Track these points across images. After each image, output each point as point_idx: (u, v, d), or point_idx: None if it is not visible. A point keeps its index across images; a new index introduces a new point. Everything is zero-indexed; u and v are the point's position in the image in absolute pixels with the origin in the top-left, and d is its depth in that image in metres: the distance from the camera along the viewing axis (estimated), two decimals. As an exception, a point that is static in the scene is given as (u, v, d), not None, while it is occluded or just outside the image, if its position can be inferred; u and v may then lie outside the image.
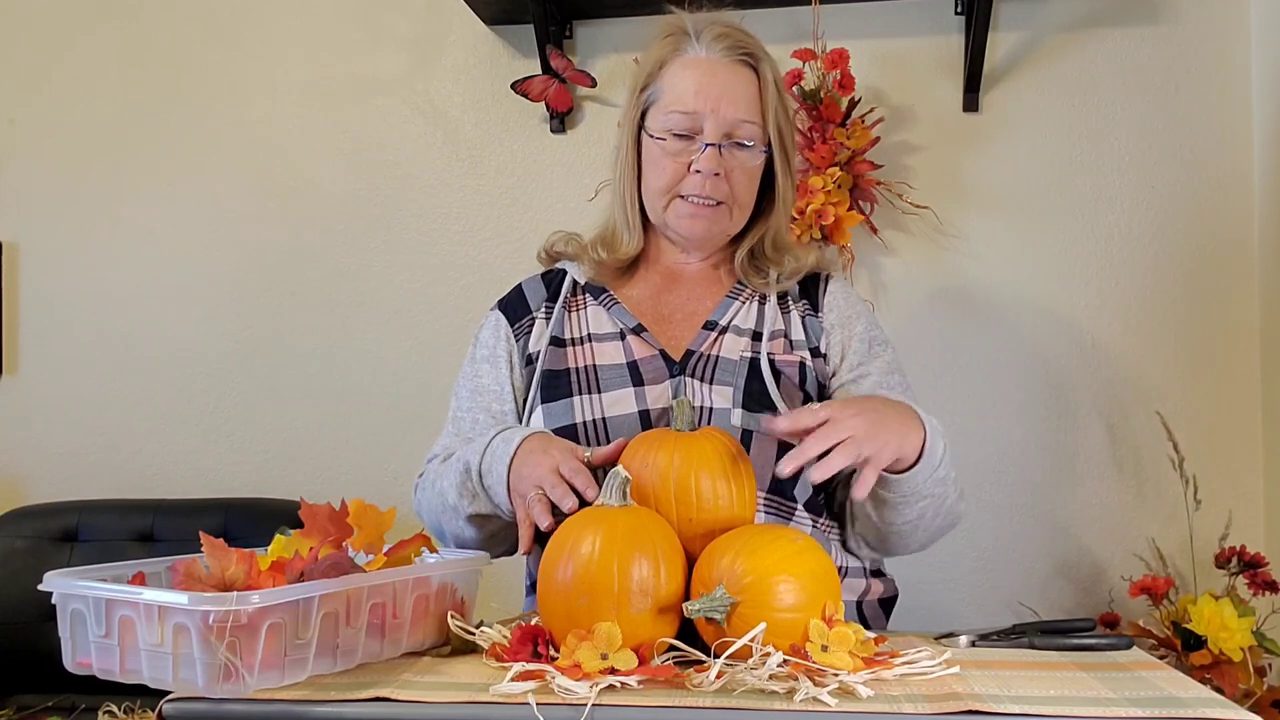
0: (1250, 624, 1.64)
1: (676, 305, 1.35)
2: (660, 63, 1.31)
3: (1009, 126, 2.00)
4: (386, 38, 2.18)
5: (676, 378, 1.26)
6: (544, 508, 1.10)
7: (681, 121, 1.27)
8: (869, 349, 1.33)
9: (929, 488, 1.17)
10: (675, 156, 1.28)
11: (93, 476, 2.20)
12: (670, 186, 1.29)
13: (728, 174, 1.28)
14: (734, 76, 1.28)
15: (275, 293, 2.18)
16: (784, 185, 1.34)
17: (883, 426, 1.08)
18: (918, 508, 1.18)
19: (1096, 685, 0.87)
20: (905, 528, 1.21)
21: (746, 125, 1.28)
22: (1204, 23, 1.95)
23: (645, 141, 1.32)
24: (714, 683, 0.84)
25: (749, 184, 1.31)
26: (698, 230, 1.31)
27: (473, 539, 1.25)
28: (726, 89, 1.27)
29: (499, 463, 1.18)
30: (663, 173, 1.29)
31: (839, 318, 1.34)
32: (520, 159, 2.13)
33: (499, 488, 1.17)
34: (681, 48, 1.30)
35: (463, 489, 1.22)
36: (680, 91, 1.28)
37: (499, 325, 1.38)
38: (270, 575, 0.90)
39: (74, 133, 2.25)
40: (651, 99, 1.31)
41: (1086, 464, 1.96)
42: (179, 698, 0.84)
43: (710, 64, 1.28)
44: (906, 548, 1.28)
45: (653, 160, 1.31)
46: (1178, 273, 1.95)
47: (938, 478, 1.17)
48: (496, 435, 1.22)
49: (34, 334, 2.25)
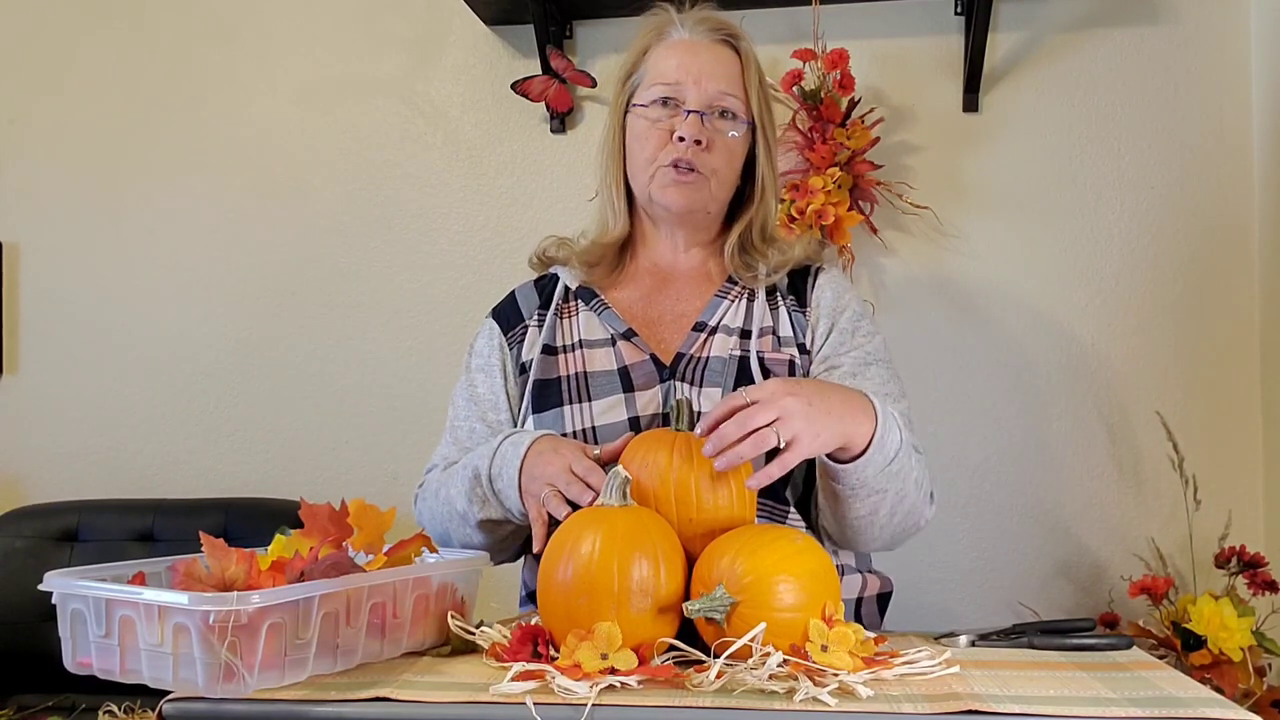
0: (1250, 624, 1.64)
1: (666, 307, 1.35)
2: (644, 49, 1.35)
3: (1009, 126, 2.00)
4: (386, 38, 2.18)
5: (667, 383, 1.26)
6: (560, 501, 1.11)
7: (664, 91, 1.30)
8: (850, 338, 1.31)
9: (880, 482, 1.12)
10: (657, 124, 1.30)
11: (93, 476, 2.20)
12: (654, 156, 1.31)
13: (709, 144, 1.29)
14: (715, 54, 1.32)
15: (275, 293, 2.18)
16: (766, 169, 1.35)
17: (821, 409, 1.04)
18: (869, 502, 1.14)
19: (1096, 685, 0.87)
20: (858, 523, 1.17)
21: (729, 98, 1.31)
22: (1204, 23, 1.95)
23: (630, 120, 1.34)
24: (714, 683, 0.84)
25: (730, 158, 1.32)
26: (679, 200, 1.31)
27: (481, 545, 1.25)
28: (708, 64, 1.30)
29: (509, 465, 1.18)
30: (647, 143, 1.31)
31: (825, 310, 1.33)
32: (520, 159, 2.13)
33: (510, 490, 1.17)
34: (665, 32, 1.34)
35: (472, 495, 1.22)
36: (663, 69, 1.31)
37: (493, 334, 1.39)
38: (270, 575, 0.90)
39: (74, 133, 2.25)
40: (636, 83, 1.34)
41: (1086, 464, 1.96)
42: (179, 698, 0.84)
43: (692, 43, 1.32)
44: (867, 545, 1.23)
45: (637, 134, 1.33)
46: (1177, 273, 1.95)
47: (891, 472, 1.13)
48: (505, 439, 1.22)
49: (34, 334, 2.25)
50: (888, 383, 1.29)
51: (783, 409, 1.01)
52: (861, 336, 1.32)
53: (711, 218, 1.37)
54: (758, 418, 1.00)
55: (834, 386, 1.13)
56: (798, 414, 1.01)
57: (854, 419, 1.08)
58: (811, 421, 1.02)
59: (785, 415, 1.01)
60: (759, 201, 1.36)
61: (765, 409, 1.01)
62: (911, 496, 1.19)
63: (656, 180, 1.31)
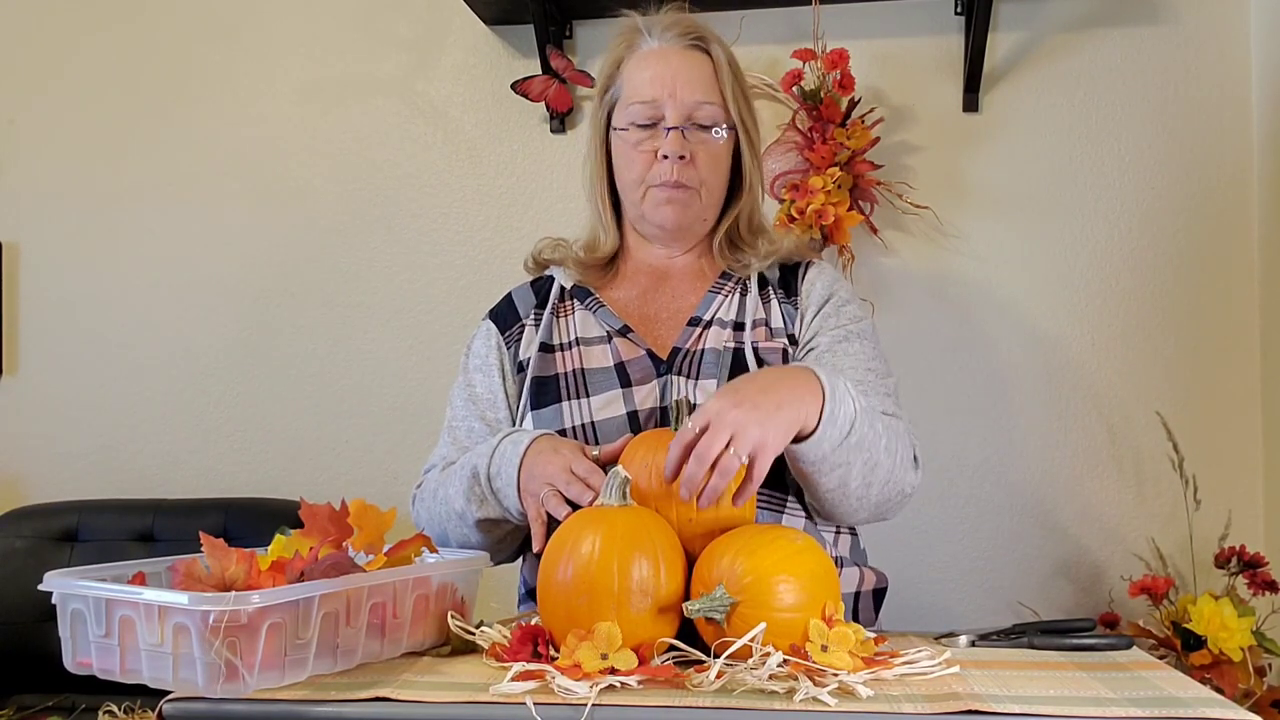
0: (1250, 624, 1.64)
1: (662, 304, 1.36)
2: (617, 62, 1.36)
3: (1009, 126, 1.99)
4: (386, 38, 2.18)
5: (664, 377, 1.27)
6: (559, 501, 1.11)
7: (643, 111, 1.31)
8: (833, 317, 1.31)
9: (841, 455, 1.11)
10: (640, 146, 1.31)
11: (93, 476, 2.20)
12: (642, 177, 1.32)
13: (694, 158, 1.30)
14: (687, 61, 1.32)
15: (275, 293, 2.18)
16: (750, 164, 1.36)
17: (769, 406, 1.02)
18: (834, 476, 1.13)
19: (1096, 685, 0.87)
20: (831, 496, 1.17)
21: (706, 106, 1.31)
22: (1204, 22, 1.95)
23: (614, 140, 1.35)
24: (714, 683, 0.84)
25: (716, 167, 1.33)
26: (672, 218, 1.32)
27: (479, 544, 1.25)
28: (681, 73, 1.31)
29: (508, 465, 1.18)
30: (632, 165, 1.32)
31: (814, 298, 1.34)
32: (520, 159, 2.13)
33: (509, 490, 1.18)
34: (635, 43, 1.35)
35: (470, 494, 1.22)
36: (638, 83, 1.32)
37: (490, 334, 1.40)
38: (270, 575, 0.90)
39: (74, 133, 2.25)
40: (614, 98, 1.35)
41: (1086, 464, 1.96)
42: (179, 698, 0.84)
43: (663, 52, 1.32)
44: (849, 516, 1.22)
45: (622, 155, 1.34)
46: (1178, 273, 1.95)
47: (850, 444, 1.11)
48: (504, 439, 1.22)
49: (34, 334, 2.25)
50: (871, 359, 1.29)
51: (733, 424, 0.99)
52: (845, 317, 1.32)
53: (705, 225, 1.38)
54: (714, 446, 0.98)
55: (774, 374, 1.12)
56: (749, 423, 0.99)
57: (802, 402, 1.06)
58: (764, 424, 1.01)
59: (738, 430, 0.99)
60: (745, 195, 1.37)
61: (716, 434, 0.99)
62: (885, 465, 1.17)
63: (648, 200, 1.33)
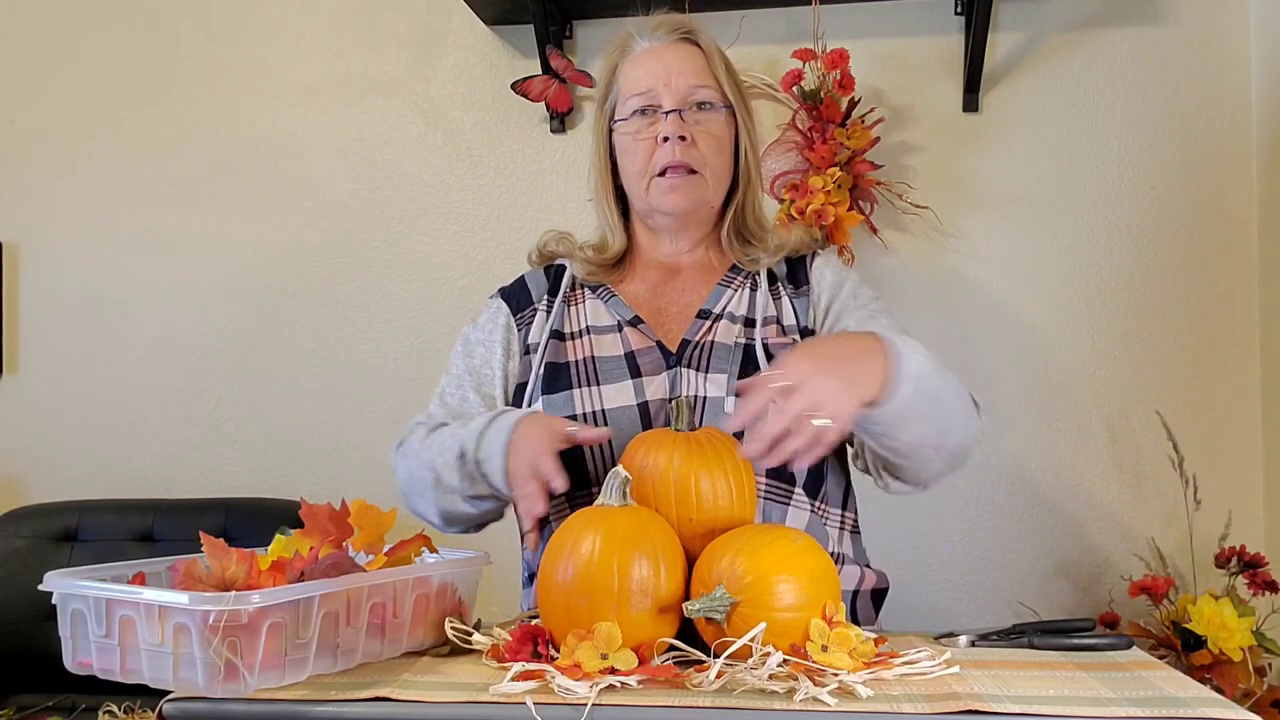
0: (1250, 624, 1.64)
1: (672, 298, 1.37)
2: (613, 68, 1.39)
3: (1009, 126, 2.00)
4: (386, 37, 2.18)
5: (673, 369, 1.28)
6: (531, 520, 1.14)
7: (641, 102, 1.33)
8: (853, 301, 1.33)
9: (913, 409, 1.09)
10: (640, 135, 1.32)
11: (93, 476, 2.20)
12: (645, 166, 1.33)
13: (695, 139, 1.31)
14: (678, 53, 1.34)
15: (275, 293, 2.18)
16: (749, 152, 1.37)
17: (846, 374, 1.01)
18: (914, 431, 1.12)
19: (1096, 685, 0.87)
20: (909, 449, 1.15)
21: (702, 89, 1.33)
22: (1204, 22, 1.95)
23: (616, 137, 1.37)
24: (714, 683, 0.84)
25: (718, 148, 1.34)
26: (680, 203, 1.33)
27: (472, 516, 1.27)
28: (674, 63, 1.33)
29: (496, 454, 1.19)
30: (635, 156, 1.33)
31: (826, 287, 1.36)
32: (520, 159, 2.13)
33: (497, 476, 1.18)
34: (629, 47, 1.37)
35: (462, 473, 1.23)
36: (633, 79, 1.34)
37: (499, 311, 1.41)
38: (270, 575, 0.90)
39: (74, 133, 2.25)
40: (613, 102, 1.38)
41: (1086, 464, 1.96)
42: (179, 698, 0.84)
43: (654, 49, 1.35)
44: (928, 470, 1.20)
45: (625, 149, 1.35)
46: (1178, 273, 1.95)
47: (922, 393, 1.08)
48: (490, 424, 1.21)
49: (34, 334, 2.25)
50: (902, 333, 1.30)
51: (819, 390, 0.98)
52: (864, 298, 1.35)
53: (711, 212, 1.38)
54: (795, 404, 0.97)
55: (841, 339, 1.14)
56: (833, 391, 0.99)
57: (868, 366, 1.05)
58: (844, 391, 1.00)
59: (823, 397, 0.98)
60: (746, 185, 1.38)
61: (801, 396, 0.97)
62: (960, 413, 1.17)
63: (653, 189, 1.33)
